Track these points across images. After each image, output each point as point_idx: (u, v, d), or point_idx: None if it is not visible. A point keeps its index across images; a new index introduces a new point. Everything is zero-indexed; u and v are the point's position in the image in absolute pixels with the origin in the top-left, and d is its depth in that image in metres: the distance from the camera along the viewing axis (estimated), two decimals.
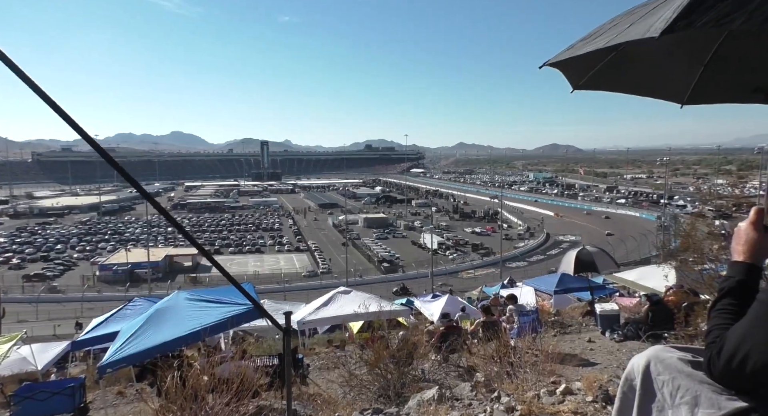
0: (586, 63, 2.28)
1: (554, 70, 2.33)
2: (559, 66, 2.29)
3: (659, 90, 2.59)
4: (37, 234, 78.49)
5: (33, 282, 51.77)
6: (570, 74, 2.41)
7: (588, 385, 3.92)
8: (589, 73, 2.35)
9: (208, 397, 3.93)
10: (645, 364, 1.56)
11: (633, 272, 15.71)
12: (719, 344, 1.36)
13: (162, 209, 2.78)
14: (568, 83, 2.50)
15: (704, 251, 7.01)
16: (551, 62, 2.21)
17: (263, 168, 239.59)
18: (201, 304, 7.68)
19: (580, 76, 2.39)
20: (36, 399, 7.93)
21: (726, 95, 2.49)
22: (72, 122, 1.94)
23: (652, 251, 50.50)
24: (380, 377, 6.08)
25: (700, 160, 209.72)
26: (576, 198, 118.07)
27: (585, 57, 2.10)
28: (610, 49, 2.07)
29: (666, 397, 1.47)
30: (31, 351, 10.63)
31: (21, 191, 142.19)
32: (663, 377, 1.50)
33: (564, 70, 2.37)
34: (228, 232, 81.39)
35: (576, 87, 2.44)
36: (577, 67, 2.34)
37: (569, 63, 2.23)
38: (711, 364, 1.38)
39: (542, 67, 2.27)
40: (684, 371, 1.47)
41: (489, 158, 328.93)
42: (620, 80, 2.48)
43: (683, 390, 1.44)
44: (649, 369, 1.54)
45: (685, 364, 1.49)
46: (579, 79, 2.41)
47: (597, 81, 2.40)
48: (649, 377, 1.53)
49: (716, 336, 1.40)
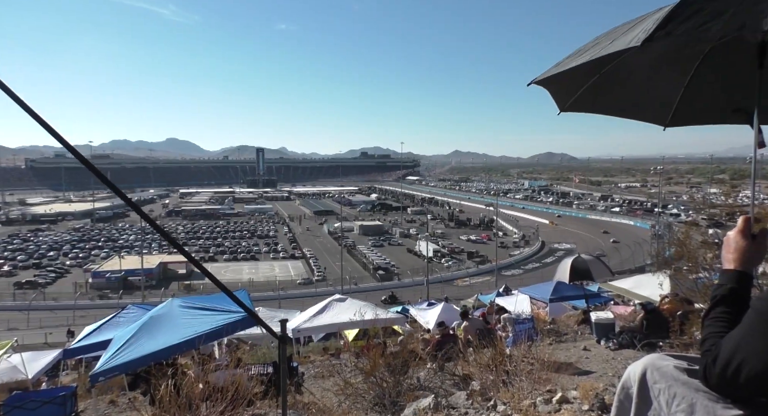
0: (571, 84, 2.33)
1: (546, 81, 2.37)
2: (546, 84, 2.34)
3: (642, 112, 2.64)
4: (30, 241, 77.89)
5: (25, 289, 51.26)
6: (557, 95, 2.47)
7: (584, 394, 3.91)
8: (574, 96, 2.40)
9: (202, 406, 3.89)
10: (641, 372, 1.56)
11: (628, 280, 15.74)
12: (714, 352, 1.37)
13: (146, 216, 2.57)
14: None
15: (698, 260, 7.04)
16: (538, 80, 2.26)
17: (259, 175, 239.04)
18: (195, 312, 7.62)
19: (566, 99, 2.45)
20: (26, 408, 7.80)
21: (708, 117, 2.54)
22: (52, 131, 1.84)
23: (646, 260, 50.66)
24: (376, 385, 6.04)
25: (694, 169, 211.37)
26: (571, 206, 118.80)
27: (571, 77, 2.17)
28: (595, 69, 2.13)
29: (662, 405, 1.48)
30: (21, 359, 10.51)
31: (14, 198, 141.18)
32: (659, 385, 1.50)
33: (551, 90, 2.43)
34: (223, 239, 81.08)
35: (563, 109, 2.49)
36: (563, 87, 2.40)
37: (555, 81, 2.29)
38: (707, 372, 1.38)
39: (530, 84, 2.32)
40: (680, 379, 1.48)
41: (484, 166, 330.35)
42: (605, 103, 2.53)
43: (679, 398, 1.44)
44: (646, 377, 1.54)
45: (681, 372, 1.49)
46: (565, 101, 2.46)
47: (583, 103, 2.45)
48: (645, 385, 1.54)
49: (711, 344, 1.41)
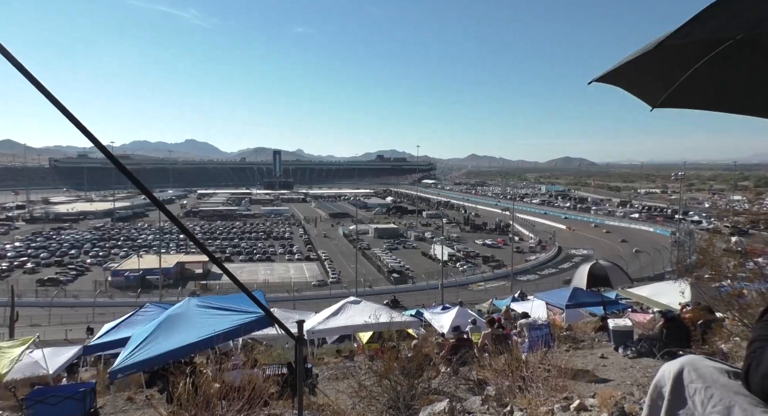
0: (660, 74, 2.18)
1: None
2: (618, 81, 2.19)
3: (750, 104, 2.32)
4: (52, 239, 79.56)
5: (46, 286, 52.39)
6: (642, 94, 2.32)
7: (602, 401, 3.84)
8: (668, 90, 2.22)
9: (219, 404, 3.92)
10: (677, 370, 1.51)
11: (647, 288, 15.45)
12: (759, 355, 1.33)
13: (173, 217, 2.70)
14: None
15: (722, 268, 6.89)
16: (604, 76, 2.09)
17: (275, 177, 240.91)
18: (212, 311, 7.70)
19: (658, 94, 2.28)
20: (47, 403, 8.00)
21: None
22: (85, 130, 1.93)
23: (666, 267, 49.79)
24: (390, 388, 6.03)
25: (716, 175, 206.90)
26: (588, 212, 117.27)
27: (650, 67, 2.07)
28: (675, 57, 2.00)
29: (696, 405, 1.42)
30: (43, 355, 10.71)
31: (38, 197, 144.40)
32: (696, 384, 1.45)
33: (630, 89, 2.28)
34: (239, 240, 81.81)
35: (655, 105, 2.32)
36: (647, 80, 2.25)
37: (633, 75, 2.15)
38: (749, 374, 1.34)
39: (591, 83, 2.15)
40: (719, 380, 1.43)
41: (501, 170, 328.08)
42: (703, 95, 2.30)
43: (716, 399, 1.39)
44: (682, 375, 1.49)
45: (721, 373, 1.44)
46: (656, 96, 2.29)
47: (677, 98, 2.25)
48: (680, 383, 1.48)
49: (758, 347, 1.37)
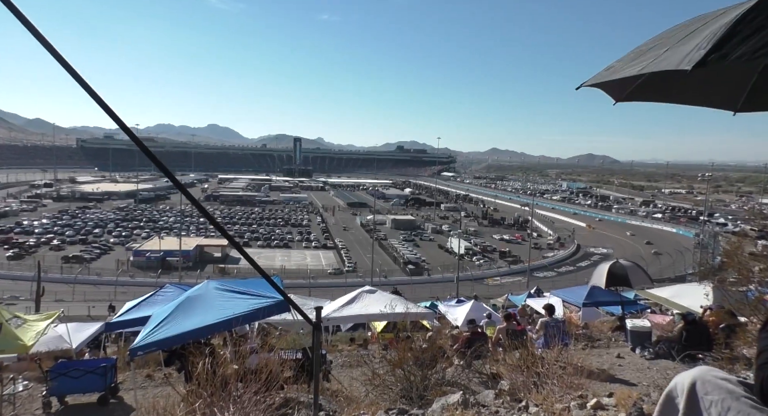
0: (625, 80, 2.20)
1: None
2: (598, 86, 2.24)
3: (710, 98, 2.47)
4: (77, 218, 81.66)
5: (71, 263, 53.92)
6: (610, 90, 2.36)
7: (619, 401, 3.80)
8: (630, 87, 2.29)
9: (236, 385, 4.00)
10: (691, 382, 1.50)
11: (667, 289, 15.17)
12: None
13: (195, 201, 2.77)
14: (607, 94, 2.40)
15: (749, 272, 6.72)
16: (589, 84, 2.16)
17: (295, 164, 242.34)
18: (231, 294, 7.81)
19: (622, 90, 2.33)
20: (70, 376, 8.26)
21: None
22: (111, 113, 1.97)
23: (688, 269, 48.81)
24: (403, 378, 6.06)
25: (745, 177, 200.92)
26: (610, 210, 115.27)
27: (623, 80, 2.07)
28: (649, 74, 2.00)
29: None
30: (66, 329, 11.02)
31: (65, 176, 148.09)
32: (711, 397, 1.43)
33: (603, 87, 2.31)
34: (258, 226, 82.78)
35: (618, 99, 2.38)
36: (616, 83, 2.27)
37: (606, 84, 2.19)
38: (764, 387, 1.31)
39: (579, 88, 2.22)
40: (735, 393, 1.41)
41: (522, 165, 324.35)
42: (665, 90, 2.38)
43: (734, 411, 1.37)
44: (696, 387, 1.48)
45: (737, 386, 1.42)
46: (620, 92, 2.35)
47: (640, 93, 2.33)
48: (695, 396, 1.47)
49: None
